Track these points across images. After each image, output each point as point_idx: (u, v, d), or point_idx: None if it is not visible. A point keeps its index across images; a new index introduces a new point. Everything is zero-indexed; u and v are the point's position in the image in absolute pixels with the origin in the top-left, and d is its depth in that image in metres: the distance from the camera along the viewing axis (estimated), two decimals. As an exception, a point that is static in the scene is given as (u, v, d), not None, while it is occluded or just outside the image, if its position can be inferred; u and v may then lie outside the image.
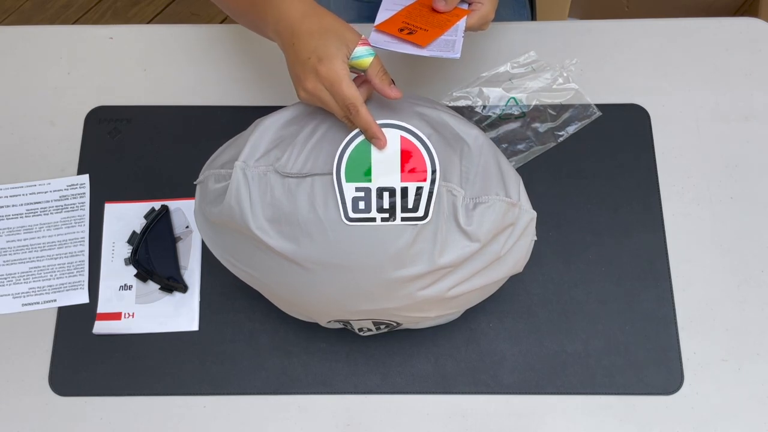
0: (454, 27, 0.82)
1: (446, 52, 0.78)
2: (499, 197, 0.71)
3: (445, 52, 0.78)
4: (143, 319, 0.92)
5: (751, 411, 0.87)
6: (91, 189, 0.98)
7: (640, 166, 0.98)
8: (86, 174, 0.99)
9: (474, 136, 0.75)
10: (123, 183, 0.98)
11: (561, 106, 1.01)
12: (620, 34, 1.06)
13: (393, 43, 0.79)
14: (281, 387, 0.89)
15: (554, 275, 0.93)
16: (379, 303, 0.73)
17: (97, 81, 1.04)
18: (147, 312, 0.92)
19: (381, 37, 0.80)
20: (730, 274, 0.93)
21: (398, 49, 0.78)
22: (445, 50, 0.79)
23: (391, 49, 0.78)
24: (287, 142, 0.72)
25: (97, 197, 0.98)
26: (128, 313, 0.92)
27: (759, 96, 1.02)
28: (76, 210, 0.97)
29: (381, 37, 0.80)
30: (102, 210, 0.97)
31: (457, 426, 0.87)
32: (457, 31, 0.81)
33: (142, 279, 0.93)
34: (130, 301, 0.92)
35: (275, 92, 1.03)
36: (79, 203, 0.97)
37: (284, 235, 0.70)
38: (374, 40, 0.79)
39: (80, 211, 0.97)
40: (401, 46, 0.78)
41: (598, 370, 0.88)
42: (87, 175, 0.99)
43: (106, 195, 0.98)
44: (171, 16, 1.98)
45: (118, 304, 0.92)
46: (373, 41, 0.78)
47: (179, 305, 0.92)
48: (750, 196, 0.96)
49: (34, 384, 0.89)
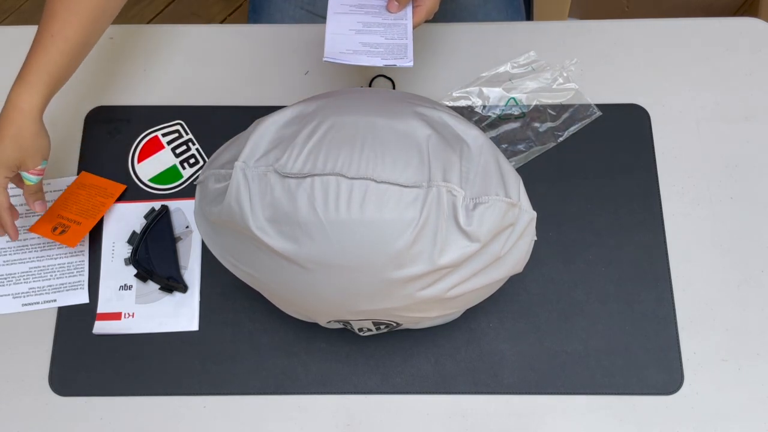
0: (403, 29, 0.83)
1: (399, 60, 0.80)
2: (499, 197, 0.71)
3: (399, 60, 0.80)
4: (143, 319, 0.92)
5: (751, 411, 0.87)
6: (91, 189, 0.98)
7: (640, 166, 0.98)
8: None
9: (474, 136, 0.75)
10: (123, 183, 0.98)
11: (561, 106, 1.01)
12: (620, 34, 1.06)
13: (347, 56, 0.81)
14: (281, 387, 0.89)
15: (554, 275, 0.93)
16: (379, 303, 0.74)
17: (97, 81, 1.04)
18: (147, 312, 0.92)
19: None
20: (730, 274, 0.93)
21: (352, 61, 0.81)
22: (398, 57, 0.80)
23: (346, 61, 0.80)
24: (287, 142, 0.72)
25: (97, 197, 0.98)
26: (128, 313, 0.92)
27: (759, 96, 1.02)
28: (76, 210, 0.97)
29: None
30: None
31: (457, 426, 0.87)
32: (407, 34, 0.82)
33: (142, 279, 0.93)
34: (130, 301, 0.92)
35: (275, 92, 1.03)
36: (79, 203, 0.98)
37: (284, 235, 0.70)
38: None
39: (80, 211, 0.97)
40: (356, 58, 0.80)
41: (598, 370, 0.88)
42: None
43: (106, 195, 0.98)
44: (171, 16, 1.98)
45: (118, 304, 0.92)
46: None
47: (179, 305, 0.92)
48: (750, 196, 0.96)
49: (34, 384, 0.89)
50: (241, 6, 2.00)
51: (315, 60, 1.04)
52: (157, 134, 1.01)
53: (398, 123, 0.72)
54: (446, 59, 1.05)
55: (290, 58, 1.05)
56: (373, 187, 0.68)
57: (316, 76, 1.04)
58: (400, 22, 0.86)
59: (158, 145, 1.00)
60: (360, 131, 0.71)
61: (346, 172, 0.68)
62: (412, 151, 0.70)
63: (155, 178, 0.99)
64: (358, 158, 0.69)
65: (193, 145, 1.00)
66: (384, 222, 0.68)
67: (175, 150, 1.00)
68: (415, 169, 0.69)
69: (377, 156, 0.69)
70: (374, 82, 1.03)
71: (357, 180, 0.68)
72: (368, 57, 0.81)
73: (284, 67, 1.05)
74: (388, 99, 0.76)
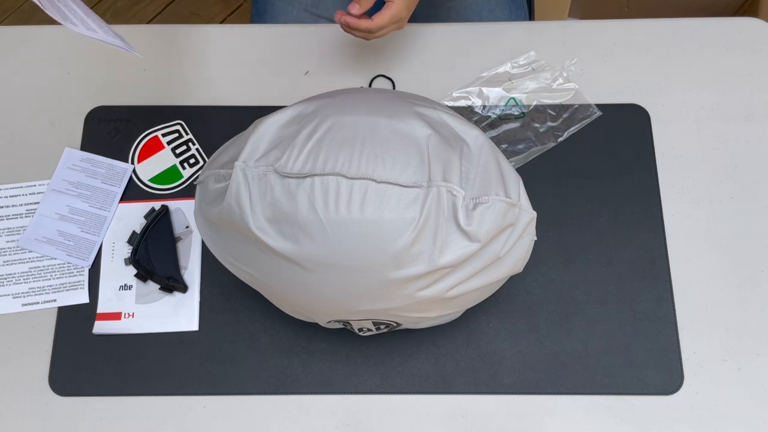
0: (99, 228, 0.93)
1: (80, 260, 0.89)
2: (499, 197, 0.71)
3: (79, 260, 0.89)
4: (143, 319, 0.92)
5: (751, 411, 0.87)
6: (91, 189, 0.98)
7: (640, 166, 0.98)
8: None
9: (474, 136, 0.75)
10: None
11: (561, 106, 1.01)
12: (620, 34, 1.06)
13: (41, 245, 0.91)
14: (281, 387, 0.89)
15: (554, 275, 0.93)
16: (379, 303, 0.73)
17: (97, 81, 1.04)
18: (147, 312, 0.92)
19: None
20: (730, 274, 0.93)
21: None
22: (80, 257, 0.89)
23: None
24: (287, 142, 0.72)
25: (97, 197, 0.98)
26: (128, 313, 0.92)
27: (759, 96, 1.02)
28: (76, 210, 0.97)
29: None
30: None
31: (457, 426, 0.87)
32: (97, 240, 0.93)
33: (142, 279, 0.93)
34: (130, 301, 0.92)
35: (275, 92, 1.03)
36: (78, 203, 0.98)
37: (284, 235, 0.70)
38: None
39: (80, 211, 0.97)
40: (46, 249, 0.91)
41: (597, 370, 0.88)
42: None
43: (106, 195, 0.98)
44: (171, 16, 1.98)
45: (118, 304, 0.92)
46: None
47: (179, 305, 0.92)
48: (750, 196, 0.96)
49: (34, 384, 0.89)
50: (241, 6, 2.00)
51: (315, 60, 1.04)
52: (157, 134, 1.01)
53: (398, 123, 0.72)
54: (446, 59, 1.05)
55: (290, 58, 1.05)
56: (373, 187, 0.68)
57: (316, 76, 1.04)
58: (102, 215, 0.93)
59: (158, 145, 1.00)
60: (360, 131, 0.71)
61: (346, 172, 0.68)
62: (412, 151, 0.70)
63: (155, 178, 0.99)
64: (358, 158, 0.69)
65: (193, 145, 1.00)
66: (384, 222, 0.68)
67: (175, 150, 1.00)
68: (415, 169, 0.69)
69: (377, 156, 0.69)
70: (374, 82, 1.03)
71: (357, 180, 0.68)
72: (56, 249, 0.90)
73: (284, 67, 1.05)
74: (388, 99, 0.76)
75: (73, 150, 0.99)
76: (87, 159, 0.99)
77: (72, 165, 0.99)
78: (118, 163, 0.99)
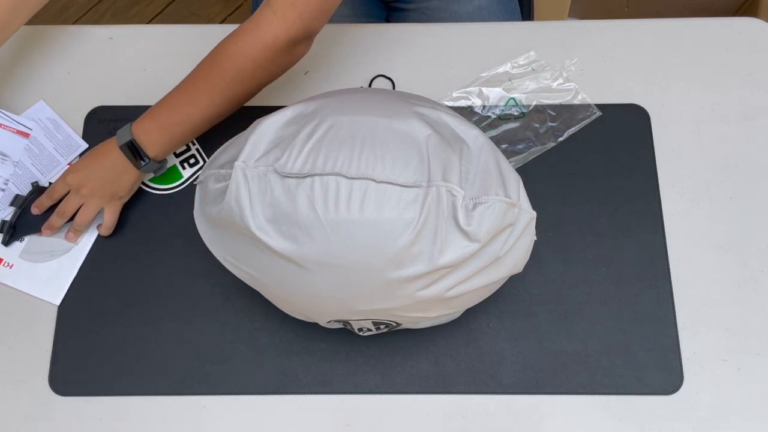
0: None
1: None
2: (499, 197, 0.71)
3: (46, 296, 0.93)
4: (18, 273, 0.94)
5: (751, 411, 0.87)
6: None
7: (640, 166, 0.98)
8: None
9: (474, 136, 0.75)
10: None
11: (561, 106, 1.01)
12: (620, 34, 1.06)
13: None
14: (281, 387, 0.89)
15: (554, 275, 0.93)
16: (379, 303, 0.74)
17: (97, 81, 1.04)
18: (25, 269, 0.94)
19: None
20: (730, 274, 0.93)
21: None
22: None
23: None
24: (287, 142, 0.72)
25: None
26: (8, 263, 0.94)
27: (759, 96, 1.02)
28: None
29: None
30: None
31: (457, 426, 0.87)
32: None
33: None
34: (16, 252, 0.95)
35: (275, 92, 1.03)
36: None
37: (284, 235, 0.70)
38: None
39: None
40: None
41: (597, 370, 0.88)
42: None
43: (106, 195, 0.98)
44: (171, 16, 1.98)
45: (2, 250, 0.95)
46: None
47: (54, 276, 0.94)
48: (750, 196, 0.96)
49: (34, 384, 0.89)
50: (241, 6, 2.00)
51: (315, 60, 1.04)
52: (157, 134, 1.01)
53: (398, 123, 0.72)
54: (446, 59, 1.05)
55: (290, 58, 1.05)
56: (372, 187, 0.68)
57: (316, 76, 1.04)
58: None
59: (158, 145, 1.00)
60: (360, 131, 0.71)
61: (345, 171, 0.68)
62: (411, 151, 0.70)
63: (155, 178, 0.99)
64: (357, 158, 0.69)
65: (193, 145, 1.00)
66: (384, 222, 0.68)
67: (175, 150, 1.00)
68: (415, 169, 0.69)
69: (377, 156, 0.69)
70: (374, 82, 1.03)
71: (357, 180, 0.68)
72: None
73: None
74: (387, 99, 0.76)
75: (46, 107, 1.01)
76: (53, 120, 1.01)
77: (37, 118, 1.01)
78: (77, 138, 1.00)
